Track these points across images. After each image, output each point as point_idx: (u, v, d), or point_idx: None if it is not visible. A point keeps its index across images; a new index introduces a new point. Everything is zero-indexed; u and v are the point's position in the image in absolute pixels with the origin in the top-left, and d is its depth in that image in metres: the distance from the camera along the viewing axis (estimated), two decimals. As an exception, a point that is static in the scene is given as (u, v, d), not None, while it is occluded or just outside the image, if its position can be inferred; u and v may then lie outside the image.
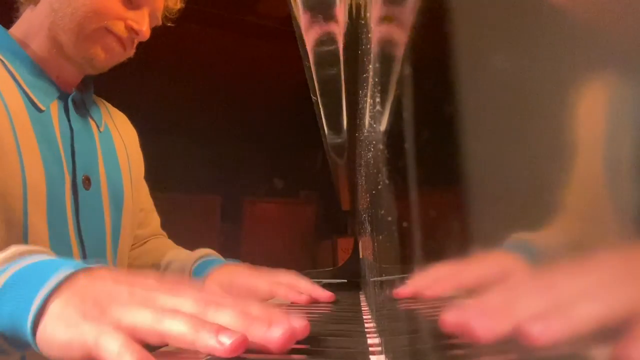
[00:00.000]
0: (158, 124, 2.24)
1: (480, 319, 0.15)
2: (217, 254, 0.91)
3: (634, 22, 0.08)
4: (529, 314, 0.12)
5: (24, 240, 0.67)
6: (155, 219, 1.00)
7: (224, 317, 0.39)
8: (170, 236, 1.04)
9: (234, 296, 0.44)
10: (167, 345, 0.39)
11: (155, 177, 1.00)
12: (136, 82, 0.90)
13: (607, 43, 0.09)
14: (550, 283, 0.11)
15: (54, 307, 0.38)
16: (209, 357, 0.41)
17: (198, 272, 0.84)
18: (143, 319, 0.37)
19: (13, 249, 0.44)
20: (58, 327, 0.37)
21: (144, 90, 1.85)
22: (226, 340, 0.35)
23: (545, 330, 0.11)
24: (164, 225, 1.04)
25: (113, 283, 0.41)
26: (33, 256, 0.44)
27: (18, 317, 0.38)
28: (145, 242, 0.97)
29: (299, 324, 0.40)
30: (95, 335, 0.35)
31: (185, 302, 0.40)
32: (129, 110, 0.98)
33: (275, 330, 0.37)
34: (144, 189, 0.97)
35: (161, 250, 0.95)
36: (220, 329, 0.36)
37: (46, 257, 0.44)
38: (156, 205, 1.02)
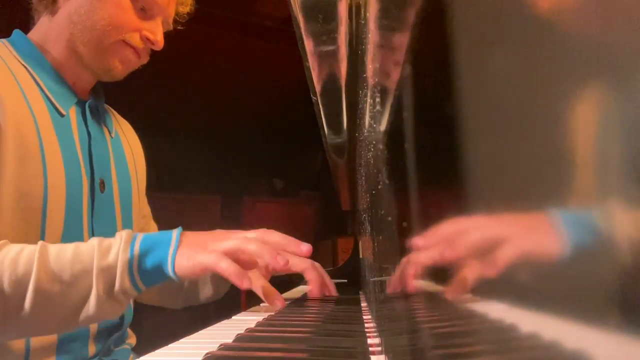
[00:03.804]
0: (158, 123, 2.25)
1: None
2: None
3: (633, 24, 0.08)
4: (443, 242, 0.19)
5: (41, 238, 0.68)
6: (153, 226, 1.02)
7: (275, 237, 0.70)
8: (170, 236, 1.04)
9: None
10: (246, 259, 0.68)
11: (156, 177, 1.00)
12: (136, 82, 0.90)
13: (607, 44, 0.09)
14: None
15: (178, 252, 0.64)
16: (208, 356, 0.41)
17: None
18: (229, 245, 0.66)
19: (123, 233, 0.65)
20: (183, 260, 0.64)
21: (144, 90, 1.85)
22: (280, 260, 0.66)
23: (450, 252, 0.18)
24: (165, 225, 1.05)
25: (200, 235, 0.68)
26: (138, 234, 0.66)
27: (161, 264, 0.64)
28: None
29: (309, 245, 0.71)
30: (210, 259, 0.63)
31: (248, 233, 0.70)
32: (129, 110, 0.98)
33: (303, 247, 0.71)
34: (144, 197, 0.98)
35: None
36: (275, 251, 0.67)
37: (145, 233, 0.67)
38: (157, 206, 1.03)
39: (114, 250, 0.63)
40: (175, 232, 0.66)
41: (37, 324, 0.61)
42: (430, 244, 0.24)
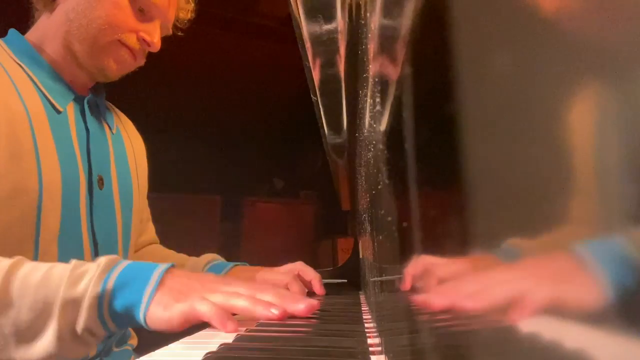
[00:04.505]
0: (158, 123, 2.24)
1: (435, 297, 0.22)
2: (222, 258, 0.93)
3: (632, 25, 0.08)
4: (465, 294, 0.18)
5: (35, 236, 0.68)
6: (151, 227, 1.02)
7: (268, 297, 0.58)
8: (170, 236, 1.05)
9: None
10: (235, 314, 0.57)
11: (156, 177, 1.00)
12: (136, 82, 0.90)
13: (606, 44, 0.09)
14: (487, 274, 0.16)
15: (155, 298, 0.54)
16: (208, 356, 0.41)
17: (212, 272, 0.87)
18: (216, 299, 0.55)
19: (103, 260, 0.57)
20: (159, 310, 0.53)
21: (144, 90, 1.85)
22: (275, 311, 0.56)
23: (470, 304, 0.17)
24: (165, 225, 1.05)
25: (187, 278, 0.58)
26: (120, 262, 0.57)
27: (132, 307, 0.54)
28: (142, 248, 0.99)
29: (314, 301, 0.61)
30: (188, 306, 0.53)
31: (240, 288, 0.58)
32: (129, 110, 0.98)
33: (300, 305, 0.58)
34: (145, 199, 0.98)
35: (159, 254, 0.97)
36: (269, 304, 0.56)
37: (130, 262, 0.58)
38: (157, 206, 1.03)
39: (85, 280, 0.54)
40: (158, 270, 0.56)
41: None
42: (449, 299, 0.21)
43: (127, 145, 0.90)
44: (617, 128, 0.08)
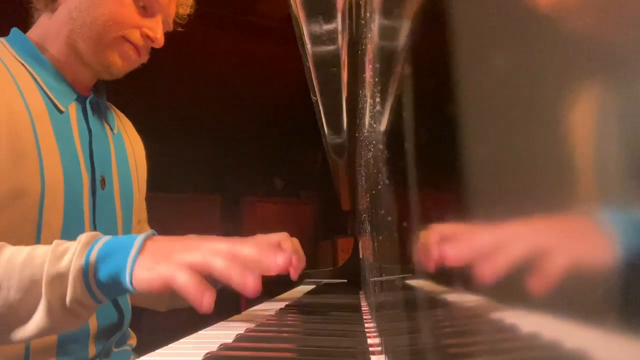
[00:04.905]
0: (158, 123, 2.24)
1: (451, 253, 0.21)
2: None
3: (632, 24, 0.08)
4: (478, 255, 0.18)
5: (37, 236, 0.68)
6: (147, 229, 1.02)
7: (247, 249, 0.58)
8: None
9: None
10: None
11: (156, 177, 1.00)
12: (136, 82, 0.90)
13: (606, 45, 0.09)
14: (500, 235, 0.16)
15: (138, 261, 0.56)
16: (208, 356, 0.41)
17: None
18: (195, 258, 0.56)
19: (84, 236, 0.59)
20: (143, 272, 0.56)
21: (144, 89, 1.85)
22: (249, 279, 0.55)
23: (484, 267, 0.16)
24: (165, 225, 1.05)
25: (169, 241, 0.60)
26: (102, 237, 0.60)
27: (117, 274, 0.56)
28: None
29: (293, 255, 0.61)
30: (169, 271, 0.55)
31: (220, 244, 0.59)
32: (129, 109, 0.98)
33: (279, 258, 0.58)
34: (143, 200, 0.98)
35: None
36: (245, 269, 0.55)
37: (111, 237, 0.60)
38: (156, 206, 1.03)
39: (67, 255, 0.56)
40: (139, 238, 0.59)
41: None
42: (465, 255, 0.21)
43: (127, 145, 0.90)
44: (617, 129, 0.08)
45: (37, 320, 0.55)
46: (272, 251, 0.60)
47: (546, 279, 0.12)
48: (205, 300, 0.53)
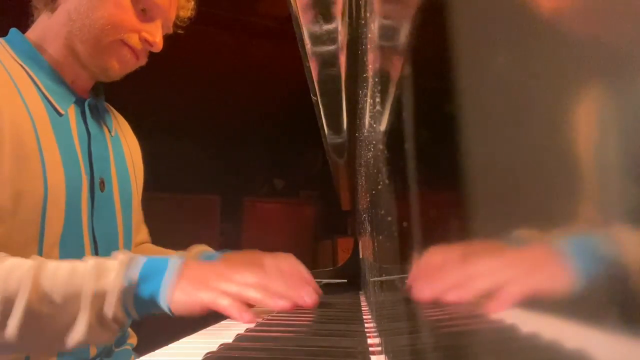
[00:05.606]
0: (158, 124, 2.24)
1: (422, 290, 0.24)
2: (210, 248, 0.92)
3: (632, 25, 0.08)
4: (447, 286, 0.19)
5: (40, 238, 0.68)
6: (144, 228, 1.02)
7: (278, 286, 0.65)
8: (170, 236, 1.04)
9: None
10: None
11: (156, 177, 1.00)
12: (136, 82, 0.90)
13: (606, 45, 0.09)
14: (471, 266, 0.17)
15: (177, 286, 0.62)
16: (208, 356, 0.41)
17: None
18: (231, 289, 0.62)
19: (120, 255, 0.64)
20: (181, 296, 0.61)
21: (144, 89, 1.85)
22: (284, 303, 0.64)
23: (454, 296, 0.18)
24: (165, 225, 1.05)
25: (201, 268, 0.66)
26: (139, 257, 0.64)
27: (155, 295, 0.61)
28: (134, 247, 0.99)
29: (316, 294, 0.68)
30: (210, 297, 0.61)
31: (250, 277, 0.65)
32: (129, 109, 0.98)
33: (307, 298, 0.66)
34: (140, 199, 0.98)
35: (150, 251, 0.98)
36: (279, 296, 0.64)
37: (147, 257, 0.65)
38: (156, 206, 1.03)
39: (111, 274, 0.60)
40: (176, 263, 0.64)
41: (22, 344, 0.59)
42: (433, 287, 0.23)
43: (124, 147, 0.90)
44: (617, 129, 0.08)
45: (78, 333, 0.58)
46: (301, 291, 0.67)
47: (552, 284, 0.12)
48: (247, 318, 0.60)
